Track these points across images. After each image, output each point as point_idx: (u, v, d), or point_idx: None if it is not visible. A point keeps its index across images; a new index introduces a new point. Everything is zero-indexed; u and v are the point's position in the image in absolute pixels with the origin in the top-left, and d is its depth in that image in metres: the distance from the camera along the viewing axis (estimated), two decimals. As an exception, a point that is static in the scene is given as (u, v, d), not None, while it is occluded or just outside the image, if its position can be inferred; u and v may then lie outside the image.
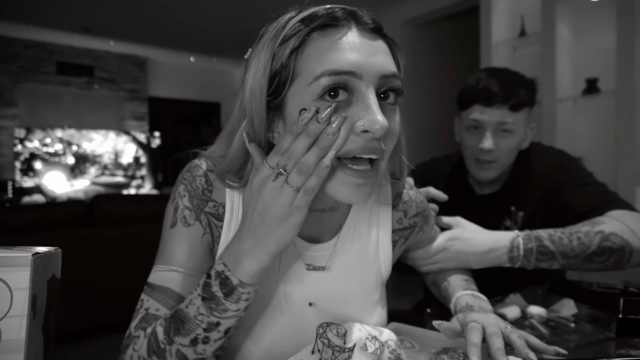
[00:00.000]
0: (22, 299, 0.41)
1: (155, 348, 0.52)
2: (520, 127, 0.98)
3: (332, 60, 0.49)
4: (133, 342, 0.56)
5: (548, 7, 2.75)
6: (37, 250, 0.43)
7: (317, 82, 0.48)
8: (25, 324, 0.41)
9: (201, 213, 0.61)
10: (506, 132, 0.96)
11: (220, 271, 0.50)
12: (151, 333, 0.53)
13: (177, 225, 0.61)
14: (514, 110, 0.95)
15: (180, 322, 0.51)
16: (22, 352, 0.40)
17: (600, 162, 2.77)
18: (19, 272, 0.41)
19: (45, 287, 0.45)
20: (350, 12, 0.53)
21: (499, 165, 1.00)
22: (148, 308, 0.58)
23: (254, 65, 0.54)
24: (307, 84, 0.49)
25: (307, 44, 0.51)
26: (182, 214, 0.61)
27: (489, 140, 0.96)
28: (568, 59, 2.81)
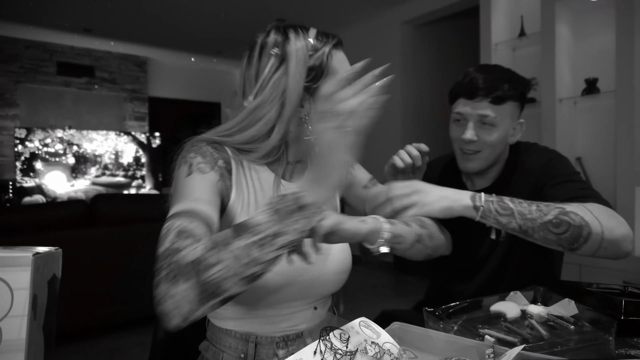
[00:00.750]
0: (22, 299, 0.41)
1: (215, 245, 0.55)
2: (504, 121, 1.00)
3: (346, 68, 0.79)
4: (179, 252, 0.56)
5: (548, 8, 2.75)
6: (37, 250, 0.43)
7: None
8: (26, 324, 0.41)
9: (215, 165, 0.73)
10: (488, 124, 1.00)
11: (295, 192, 0.59)
12: (213, 237, 0.57)
13: (192, 174, 0.70)
14: (495, 103, 0.98)
15: (245, 227, 0.56)
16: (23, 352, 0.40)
17: (600, 162, 2.77)
18: (19, 272, 0.41)
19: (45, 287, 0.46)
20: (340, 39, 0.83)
21: (483, 157, 1.03)
22: (178, 226, 0.60)
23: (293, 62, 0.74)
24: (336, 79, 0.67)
25: (331, 54, 0.78)
26: (198, 166, 0.71)
27: (470, 131, 1.00)
28: (567, 60, 2.81)
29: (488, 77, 0.99)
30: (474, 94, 0.99)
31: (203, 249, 0.55)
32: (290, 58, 0.75)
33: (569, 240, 0.84)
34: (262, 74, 0.76)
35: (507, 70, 1.04)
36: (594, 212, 0.84)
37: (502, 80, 0.99)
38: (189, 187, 0.69)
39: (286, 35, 0.77)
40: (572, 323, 0.78)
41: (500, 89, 0.98)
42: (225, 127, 0.79)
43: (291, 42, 0.76)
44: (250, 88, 0.77)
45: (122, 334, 2.68)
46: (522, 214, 0.84)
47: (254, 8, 4.44)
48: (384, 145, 4.64)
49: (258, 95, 0.76)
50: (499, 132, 1.00)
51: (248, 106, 0.76)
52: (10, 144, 5.20)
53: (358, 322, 0.64)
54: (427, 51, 4.59)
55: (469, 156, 1.04)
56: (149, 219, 2.77)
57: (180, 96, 6.73)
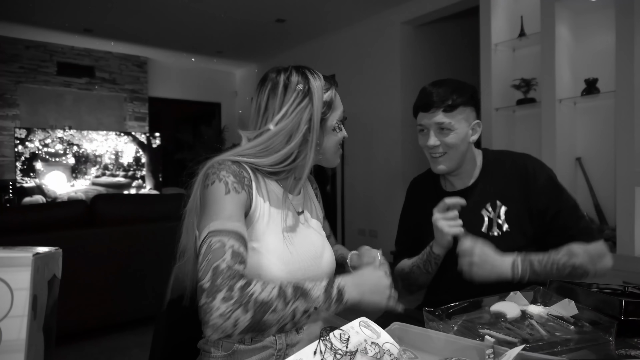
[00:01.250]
0: (22, 299, 0.41)
1: (284, 296, 0.73)
2: (460, 124, 1.17)
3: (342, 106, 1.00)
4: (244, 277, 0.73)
5: (547, 8, 2.75)
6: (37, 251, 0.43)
7: (340, 113, 0.99)
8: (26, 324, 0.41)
9: (244, 185, 0.86)
10: (446, 130, 1.16)
11: (342, 288, 0.79)
12: (280, 286, 0.74)
13: (231, 192, 0.83)
14: (448, 111, 1.15)
15: (305, 295, 0.75)
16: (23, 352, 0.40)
17: (599, 162, 2.77)
18: (19, 272, 0.41)
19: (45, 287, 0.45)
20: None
21: (449, 157, 1.20)
22: (233, 246, 0.75)
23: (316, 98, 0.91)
24: (338, 112, 0.97)
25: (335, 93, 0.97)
26: (233, 185, 0.84)
27: (432, 138, 1.18)
28: (567, 60, 2.81)
29: (439, 91, 1.17)
30: (429, 107, 1.17)
31: (274, 295, 0.72)
32: (315, 94, 0.91)
33: (569, 278, 1.09)
34: (286, 105, 0.90)
35: (455, 82, 1.21)
36: (594, 259, 1.12)
37: (451, 91, 1.16)
38: (229, 206, 0.81)
39: (306, 76, 0.93)
40: (572, 323, 0.78)
41: (450, 99, 1.15)
42: (246, 148, 0.90)
43: (311, 81, 0.92)
44: (273, 116, 0.91)
45: (122, 334, 2.68)
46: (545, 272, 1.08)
47: (254, 8, 4.44)
48: (384, 146, 4.65)
49: (280, 122, 0.89)
50: (457, 134, 1.17)
51: (272, 130, 0.89)
52: (10, 144, 5.20)
53: (358, 322, 0.64)
54: (427, 51, 4.59)
55: (438, 159, 1.21)
56: (149, 219, 2.77)
57: (180, 96, 6.73)
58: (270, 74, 0.95)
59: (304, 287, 0.75)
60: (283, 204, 0.93)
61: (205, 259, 0.72)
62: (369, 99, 4.76)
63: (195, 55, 6.22)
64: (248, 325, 0.69)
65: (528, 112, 3.13)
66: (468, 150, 1.21)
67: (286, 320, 0.72)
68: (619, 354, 0.69)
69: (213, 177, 0.84)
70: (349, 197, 5.02)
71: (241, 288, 0.70)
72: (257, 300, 0.70)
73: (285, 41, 5.57)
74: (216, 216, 0.78)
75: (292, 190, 0.98)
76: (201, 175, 0.86)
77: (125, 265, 2.63)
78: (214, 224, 0.77)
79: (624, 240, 2.42)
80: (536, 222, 1.17)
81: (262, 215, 0.89)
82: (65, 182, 5.22)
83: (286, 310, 0.72)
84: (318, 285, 0.77)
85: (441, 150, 1.19)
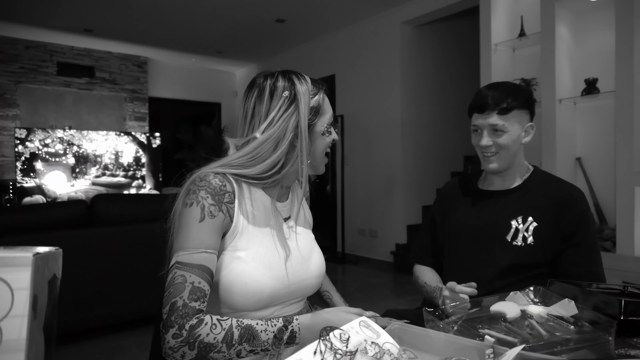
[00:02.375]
0: (23, 299, 0.41)
1: (228, 341, 0.76)
2: (513, 127, 1.20)
3: (331, 110, 1.00)
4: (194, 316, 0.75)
5: (547, 8, 2.75)
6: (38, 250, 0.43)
7: (329, 117, 0.97)
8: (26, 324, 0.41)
9: (222, 205, 0.85)
10: (499, 131, 1.20)
11: (296, 331, 0.80)
12: (228, 329, 0.76)
13: (205, 219, 0.82)
14: (502, 114, 1.19)
15: (252, 337, 0.77)
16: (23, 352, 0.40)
17: (600, 162, 2.77)
18: (20, 272, 0.41)
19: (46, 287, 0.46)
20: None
21: (501, 157, 1.23)
22: (193, 282, 0.77)
23: (302, 104, 0.90)
24: (327, 117, 0.97)
25: (324, 98, 0.96)
26: (209, 209, 0.83)
27: (485, 138, 1.22)
28: (567, 60, 2.81)
29: (495, 93, 1.20)
30: (484, 109, 1.20)
31: (219, 339, 0.75)
32: (301, 100, 0.90)
33: None
34: (272, 112, 0.89)
35: (511, 85, 1.24)
36: None
37: (506, 94, 1.19)
38: (201, 235, 0.81)
39: (292, 81, 0.92)
40: (572, 323, 0.78)
41: (505, 102, 1.18)
42: (234, 159, 0.89)
43: (297, 87, 0.91)
44: (260, 123, 0.90)
45: (122, 334, 2.68)
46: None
47: (254, 8, 4.44)
48: (384, 146, 4.65)
49: (267, 130, 0.89)
50: (510, 136, 1.20)
51: (259, 138, 0.88)
52: (10, 144, 5.20)
53: (358, 322, 0.64)
54: (427, 51, 4.59)
55: (489, 158, 1.24)
56: (149, 219, 2.77)
57: (180, 96, 6.73)
58: (257, 79, 0.95)
59: (253, 330, 0.78)
60: (269, 212, 0.93)
61: (168, 291, 0.76)
62: (369, 99, 4.76)
63: (195, 55, 6.22)
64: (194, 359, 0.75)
65: (528, 112, 3.13)
66: (519, 152, 1.25)
67: (231, 358, 0.77)
68: (619, 354, 0.69)
69: (192, 196, 0.84)
70: (349, 197, 5.02)
71: (190, 328, 0.74)
72: (202, 341, 0.74)
73: (285, 41, 5.58)
74: (186, 243, 0.80)
75: (278, 197, 0.98)
76: (185, 188, 0.87)
77: (125, 265, 2.63)
78: (181, 255, 0.79)
79: (624, 240, 2.42)
80: (559, 247, 1.17)
81: (246, 226, 0.89)
82: (66, 182, 5.22)
83: (230, 352, 0.76)
84: (270, 328, 0.79)
85: (493, 150, 1.22)
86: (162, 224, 0.90)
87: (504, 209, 1.23)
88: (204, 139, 6.24)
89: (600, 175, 2.77)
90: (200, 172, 0.88)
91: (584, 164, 2.83)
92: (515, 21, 3.14)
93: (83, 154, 5.34)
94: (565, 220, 1.16)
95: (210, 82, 6.97)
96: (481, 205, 1.27)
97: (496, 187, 1.28)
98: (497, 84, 1.25)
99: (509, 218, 1.21)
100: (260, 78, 0.94)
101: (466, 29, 4.63)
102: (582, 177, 2.81)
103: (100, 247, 2.56)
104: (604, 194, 2.74)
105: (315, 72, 5.50)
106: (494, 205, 1.25)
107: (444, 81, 4.70)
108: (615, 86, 2.49)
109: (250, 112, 0.93)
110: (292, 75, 0.93)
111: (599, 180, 2.77)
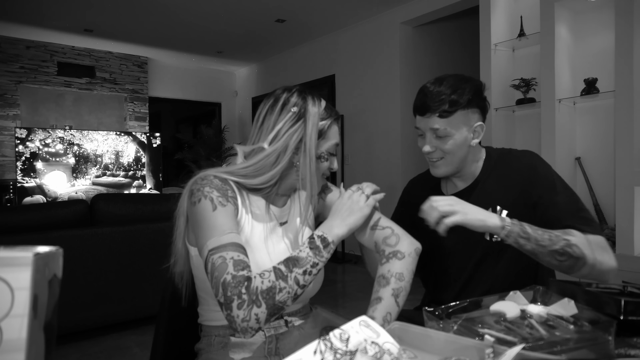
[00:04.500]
0: (23, 299, 0.41)
1: (281, 274, 0.79)
2: (457, 129, 1.08)
3: (336, 139, 1.00)
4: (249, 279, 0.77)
5: (547, 8, 2.75)
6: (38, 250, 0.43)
7: (330, 145, 0.98)
8: (27, 324, 0.41)
9: (228, 197, 0.89)
10: (442, 135, 1.08)
11: (321, 234, 0.86)
12: (275, 268, 0.80)
13: (217, 208, 0.85)
14: (443, 117, 1.07)
15: (295, 260, 0.81)
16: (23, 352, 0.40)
17: (599, 162, 2.77)
18: (20, 272, 0.41)
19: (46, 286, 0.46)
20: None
21: (446, 162, 1.12)
22: (232, 257, 0.79)
23: (310, 124, 0.93)
24: (328, 144, 0.97)
25: (331, 125, 0.97)
26: (218, 200, 0.86)
27: (427, 144, 1.11)
28: (567, 60, 2.81)
29: (435, 93, 1.07)
30: (424, 111, 1.09)
31: (273, 279, 0.78)
32: (308, 119, 0.93)
33: (567, 267, 0.98)
34: (279, 125, 0.92)
35: (457, 80, 1.10)
36: (593, 246, 0.98)
37: (449, 93, 1.07)
38: (219, 221, 0.83)
39: (305, 100, 0.94)
40: (571, 323, 0.78)
41: (447, 103, 1.06)
42: (239, 168, 0.92)
43: (309, 106, 0.93)
44: (267, 134, 0.93)
45: (122, 334, 2.68)
46: (536, 240, 0.96)
47: (254, 8, 4.44)
48: (384, 146, 4.65)
49: (274, 142, 0.92)
50: (454, 140, 1.09)
51: (266, 150, 0.91)
52: (10, 144, 5.20)
53: (358, 322, 0.64)
54: (426, 51, 4.59)
55: (435, 163, 1.14)
56: (149, 219, 2.77)
57: (180, 96, 6.73)
58: (277, 90, 0.97)
59: (293, 256, 0.82)
60: (265, 215, 0.96)
61: (214, 277, 0.77)
62: (369, 99, 4.76)
63: (195, 55, 6.22)
64: (267, 314, 0.76)
65: (528, 112, 3.13)
66: (469, 153, 1.14)
67: (294, 290, 0.80)
68: (619, 354, 0.69)
69: (198, 194, 0.86)
70: (349, 197, 5.02)
71: (247, 289, 0.75)
72: (262, 291, 0.76)
73: (285, 41, 5.57)
74: (210, 233, 0.82)
75: (275, 202, 1.00)
76: (186, 190, 0.89)
77: (125, 265, 2.64)
78: (211, 242, 0.80)
79: (623, 240, 2.42)
80: (538, 216, 1.07)
81: (243, 228, 0.92)
82: (66, 182, 5.22)
83: (289, 283, 0.79)
84: (302, 247, 0.84)
85: (438, 155, 1.12)
86: (163, 223, 0.92)
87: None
88: (204, 139, 6.24)
89: (599, 175, 2.77)
90: (202, 174, 0.90)
91: (584, 164, 2.83)
92: (515, 21, 3.14)
93: (83, 153, 5.34)
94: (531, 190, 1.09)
95: (210, 82, 6.97)
96: None
97: (459, 187, 1.20)
98: (441, 78, 1.13)
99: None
100: (280, 90, 0.97)
101: (466, 29, 4.63)
102: (582, 177, 2.81)
103: (101, 247, 2.56)
104: (604, 193, 2.74)
105: (315, 72, 5.50)
106: None
107: (444, 81, 4.70)
108: (615, 86, 2.49)
109: (261, 119, 0.95)
110: (308, 95, 0.95)
111: (598, 180, 2.77)
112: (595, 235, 1.01)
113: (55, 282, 0.47)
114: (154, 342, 1.03)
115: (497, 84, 3.11)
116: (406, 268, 0.93)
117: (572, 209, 1.07)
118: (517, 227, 0.96)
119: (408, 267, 0.93)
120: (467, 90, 1.08)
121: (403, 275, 0.92)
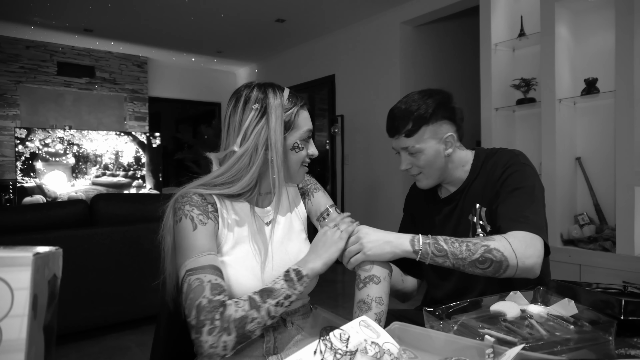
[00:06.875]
0: (23, 299, 0.41)
1: (254, 304, 0.80)
2: (427, 144, 1.12)
3: (308, 124, 0.99)
4: (224, 304, 0.78)
5: (547, 8, 2.75)
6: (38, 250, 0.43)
7: (302, 132, 0.97)
8: (26, 324, 0.41)
9: (208, 213, 0.89)
10: (414, 152, 1.13)
11: (295, 268, 0.89)
12: (249, 298, 0.81)
13: (197, 227, 0.86)
14: (409, 136, 1.12)
15: (270, 292, 0.83)
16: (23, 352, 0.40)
17: (599, 162, 2.77)
18: (19, 272, 0.41)
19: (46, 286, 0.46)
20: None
21: (426, 176, 1.17)
22: (210, 280, 0.80)
23: (273, 118, 0.91)
24: (299, 132, 0.96)
25: (298, 113, 0.95)
26: (198, 218, 0.87)
27: (403, 163, 1.17)
28: (567, 60, 2.81)
29: (398, 114, 1.12)
30: (393, 133, 1.15)
31: (246, 308, 0.79)
32: (270, 114, 0.90)
33: (492, 272, 0.97)
34: (245, 124, 0.90)
35: (419, 98, 1.12)
36: (514, 245, 0.96)
37: (409, 112, 1.10)
38: (199, 241, 0.85)
39: (266, 94, 0.92)
40: (571, 323, 0.78)
41: (409, 122, 1.10)
42: (215, 177, 0.91)
43: (270, 100, 0.91)
44: (235, 136, 0.91)
45: (122, 334, 2.68)
46: (454, 254, 0.96)
47: (254, 8, 4.44)
48: (384, 145, 4.64)
49: (243, 143, 0.90)
50: (426, 155, 1.13)
51: (237, 152, 0.90)
52: (10, 144, 5.20)
53: (358, 322, 0.64)
54: (427, 51, 4.59)
55: (416, 177, 1.20)
56: (149, 219, 2.77)
57: (180, 96, 6.73)
58: (240, 87, 0.96)
59: (267, 287, 0.84)
60: (249, 217, 0.96)
61: (188, 298, 0.78)
62: (369, 99, 4.76)
63: (195, 55, 6.22)
64: (235, 342, 0.78)
65: (528, 112, 3.13)
66: (449, 162, 1.17)
67: (265, 320, 0.81)
68: (619, 354, 0.69)
69: (179, 213, 0.87)
70: (349, 197, 5.02)
71: (221, 315, 0.76)
72: (235, 319, 0.77)
73: (285, 41, 5.57)
74: (189, 253, 0.83)
75: (258, 203, 1.00)
76: (170, 207, 0.90)
77: (125, 265, 2.64)
78: (189, 263, 0.81)
79: (623, 240, 2.42)
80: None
81: (228, 235, 0.92)
82: (66, 182, 5.22)
83: (261, 313, 0.80)
84: (278, 279, 0.86)
85: (415, 171, 1.17)
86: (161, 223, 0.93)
87: (460, 210, 1.19)
88: (204, 139, 6.24)
89: (600, 175, 2.77)
90: (182, 191, 0.91)
91: (584, 164, 2.83)
92: (515, 21, 3.14)
93: (83, 153, 5.33)
94: (499, 189, 1.10)
95: (210, 82, 6.97)
96: (445, 214, 1.22)
97: (451, 190, 1.23)
98: (405, 98, 1.16)
99: (466, 215, 1.17)
100: (242, 87, 0.95)
101: (466, 29, 4.63)
102: (582, 177, 2.81)
103: (100, 247, 2.56)
104: (604, 193, 2.74)
105: (315, 72, 5.50)
106: (453, 209, 1.21)
107: (444, 81, 4.70)
108: (615, 86, 2.49)
109: (226, 121, 0.94)
110: (269, 88, 0.93)
111: (598, 180, 2.77)
112: (518, 231, 0.98)
113: (55, 282, 0.47)
114: (154, 342, 1.03)
115: (497, 83, 3.10)
116: (384, 292, 0.96)
117: (513, 212, 1.04)
118: (431, 246, 0.96)
119: (385, 291, 0.96)
120: (430, 105, 1.11)
121: (382, 299, 0.95)
